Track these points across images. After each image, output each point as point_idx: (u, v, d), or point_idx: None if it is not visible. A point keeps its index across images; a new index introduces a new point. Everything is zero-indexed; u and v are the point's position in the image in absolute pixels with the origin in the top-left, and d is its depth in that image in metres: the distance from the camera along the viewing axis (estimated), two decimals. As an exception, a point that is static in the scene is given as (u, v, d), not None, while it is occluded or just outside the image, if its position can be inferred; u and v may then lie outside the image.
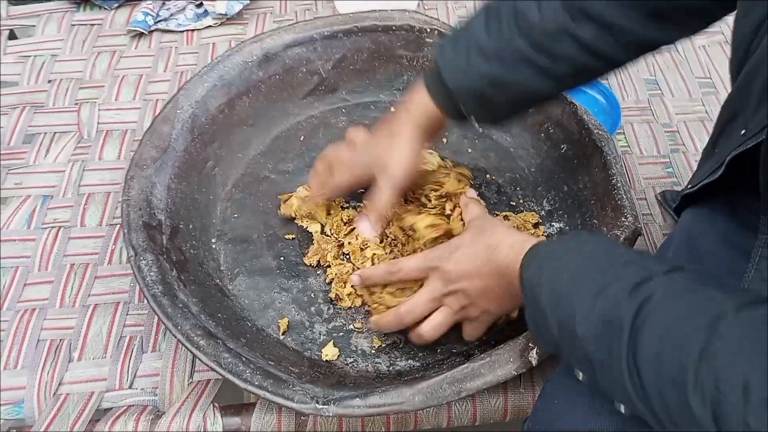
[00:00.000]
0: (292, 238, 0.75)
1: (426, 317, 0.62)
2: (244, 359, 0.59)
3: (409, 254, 0.69)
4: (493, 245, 0.56)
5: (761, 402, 0.33)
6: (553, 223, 0.76)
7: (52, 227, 0.77)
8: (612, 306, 0.42)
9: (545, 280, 0.48)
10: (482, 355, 0.58)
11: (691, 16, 0.56)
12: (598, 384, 0.44)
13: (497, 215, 0.76)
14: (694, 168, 0.82)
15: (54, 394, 0.65)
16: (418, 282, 0.63)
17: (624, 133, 0.87)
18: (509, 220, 0.75)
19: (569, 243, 0.50)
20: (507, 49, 0.58)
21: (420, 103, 0.65)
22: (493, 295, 0.58)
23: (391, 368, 0.66)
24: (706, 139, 0.84)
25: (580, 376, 0.49)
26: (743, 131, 0.53)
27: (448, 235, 0.67)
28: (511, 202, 0.78)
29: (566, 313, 0.45)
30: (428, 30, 0.84)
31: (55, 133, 0.86)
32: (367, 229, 0.72)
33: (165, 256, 0.67)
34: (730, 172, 0.55)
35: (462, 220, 0.69)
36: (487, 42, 0.59)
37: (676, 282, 0.41)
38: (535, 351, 0.57)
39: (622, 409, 0.45)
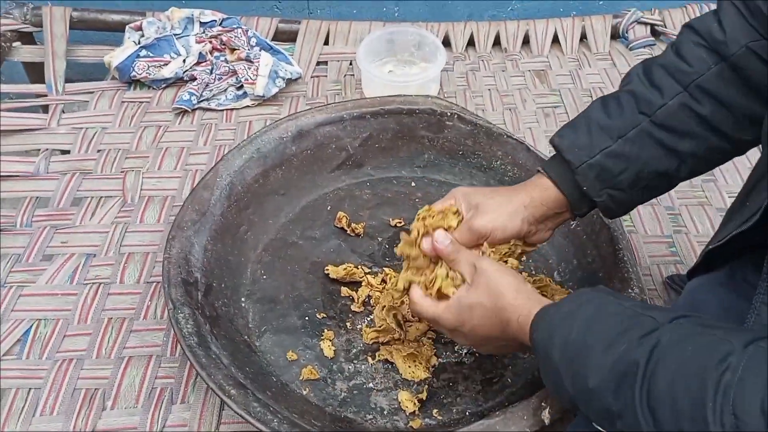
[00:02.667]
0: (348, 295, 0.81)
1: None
2: (272, 409, 0.62)
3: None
4: (503, 322, 0.58)
5: None
6: None
7: (93, 283, 0.83)
8: (623, 356, 0.45)
9: (556, 340, 0.51)
10: (497, 413, 0.61)
11: None
12: None
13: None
14: (696, 248, 0.87)
15: (88, 439, 0.68)
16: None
17: (630, 214, 0.92)
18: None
19: (573, 303, 0.53)
20: (629, 127, 0.61)
21: (538, 184, 0.65)
22: (506, 347, 0.63)
23: (408, 427, 0.69)
24: (707, 222, 0.90)
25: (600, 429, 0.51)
26: None
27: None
28: (523, 273, 0.83)
29: (578, 368, 0.48)
30: (449, 114, 0.92)
31: (101, 197, 0.93)
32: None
33: (200, 311, 0.71)
34: (761, 224, 0.57)
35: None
36: (608, 122, 0.62)
37: (683, 327, 0.45)
38: (547, 410, 0.61)
39: None
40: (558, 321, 0.52)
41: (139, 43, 1.12)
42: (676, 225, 0.91)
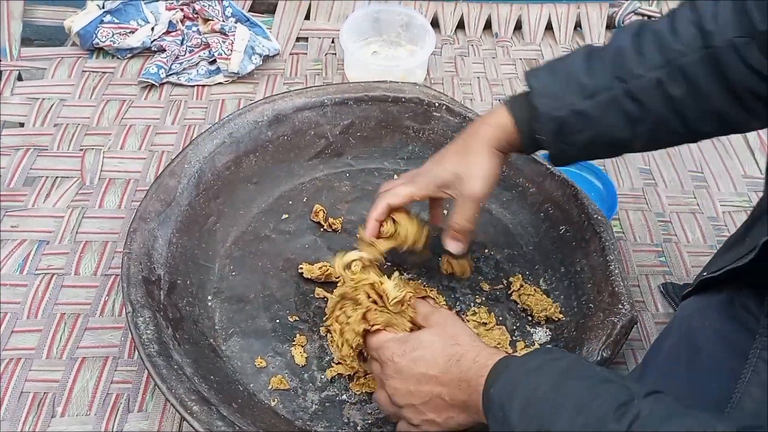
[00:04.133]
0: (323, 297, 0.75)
1: None
2: (236, 428, 0.58)
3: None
4: (457, 355, 0.54)
5: None
6: (535, 334, 0.75)
7: (46, 274, 0.76)
8: (596, 426, 0.41)
9: (518, 396, 0.47)
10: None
11: (763, 106, 0.58)
12: None
13: (465, 316, 0.75)
14: (686, 258, 0.84)
15: (34, 451, 0.62)
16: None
17: (619, 219, 0.89)
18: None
19: (542, 357, 0.49)
20: (602, 89, 0.60)
21: (499, 124, 0.65)
22: (442, 406, 0.54)
23: (382, 443, 0.65)
24: (698, 231, 0.88)
25: None
26: None
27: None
28: (510, 278, 0.79)
29: (542, 430, 0.44)
30: (437, 104, 0.87)
31: (57, 177, 0.86)
32: (457, 247, 0.70)
33: (162, 313, 0.66)
34: (759, 260, 0.55)
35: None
36: (585, 77, 0.61)
37: (662, 403, 0.42)
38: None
39: None
40: (522, 376, 0.48)
41: (103, 6, 1.03)
42: (666, 233, 0.88)
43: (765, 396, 0.52)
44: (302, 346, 0.71)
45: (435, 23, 1.16)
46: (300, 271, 0.77)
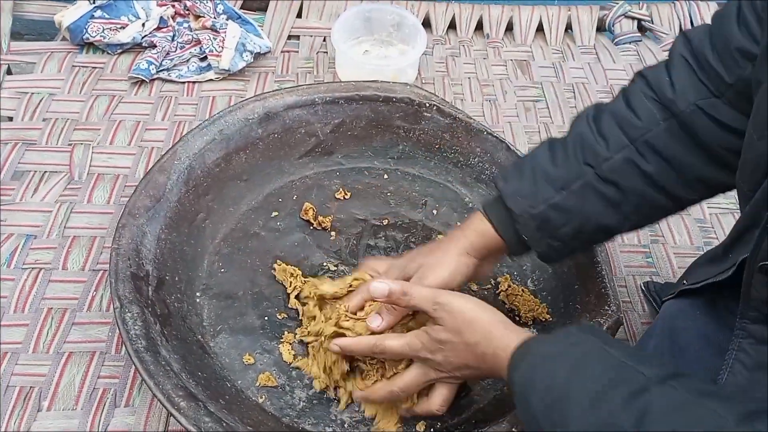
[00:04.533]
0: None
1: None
2: (224, 424, 0.58)
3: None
4: (480, 353, 0.55)
5: None
6: None
7: (33, 268, 0.76)
8: (608, 417, 0.42)
9: (538, 384, 0.48)
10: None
11: None
12: None
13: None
14: (673, 259, 0.85)
15: (19, 445, 0.62)
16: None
17: (607, 220, 0.89)
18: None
19: (560, 343, 0.50)
20: (574, 178, 0.59)
21: (476, 230, 0.64)
22: (482, 376, 0.59)
23: (369, 441, 0.65)
24: (685, 232, 0.88)
25: None
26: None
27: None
28: (498, 278, 0.79)
29: (559, 420, 0.45)
30: (427, 104, 0.87)
31: (45, 172, 0.86)
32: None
33: (150, 309, 0.66)
34: (738, 277, 0.55)
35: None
36: (553, 170, 0.60)
37: (674, 392, 0.42)
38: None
39: None
40: (540, 362, 0.49)
41: (94, 2, 1.02)
42: (654, 234, 0.89)
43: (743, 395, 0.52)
44: (290, 344, 0.71)
45: (426, 23, 1.16)
46: (272, 270, 0.77)
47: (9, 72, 0.99)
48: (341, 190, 0.87)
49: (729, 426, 0.38)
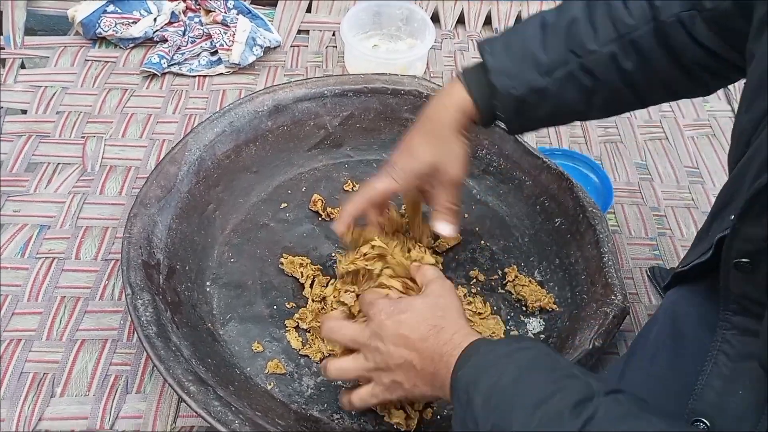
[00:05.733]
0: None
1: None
2: (233, 408, 0.59)
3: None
4: (438, 327, 0.54)
5: None
6: (528, 324, 0.75)
7: (47, 258, 0.77)
8: (553, 420, 0.41)
9: (482, 383, 0.47)
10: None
11: (708, 75, 0.62)
12: None
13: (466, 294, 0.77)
14: (680, 252, 0.85)
15: (33, 429, 0.63)
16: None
17: (614, 213, 0.90)
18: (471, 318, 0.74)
19: (511, 346, 0.49)
20: (559, 65, 0.61)
21: (459, 106, 0.65)
22: (411, 372, 0.54)
23: (377, 428, 0.66)
24: (692, 225, 0.89)
25: None
26: (732, 216, 0.56)
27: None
28: (505, 269, 0.80)
29: (502, 421, 0.44)
30: (435, 97, 0.88)
31: (58, 164, 0.87)
32: (449, 228, 0.69)
33: (161, 297, 0.67)
34: (719, 256, 0.56)
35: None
36: (540, 53, 0.61)
37: (620, 404, 0.42)
38: None
39: None
40: (489, 362, 0.48)
41: (106, -3, 1.04)
42: (661, 227, 0.89)
43: (725, 387, 0.53)
44: (294, 329, 0.72)
45: (435, 18, 1.16)
46: (280, 264, 0.78)
47: (23, 66, 1.00)
48: (350, 182, 0.87)
49: None
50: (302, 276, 0.76)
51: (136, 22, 1.02)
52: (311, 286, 0.75)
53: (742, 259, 0.49)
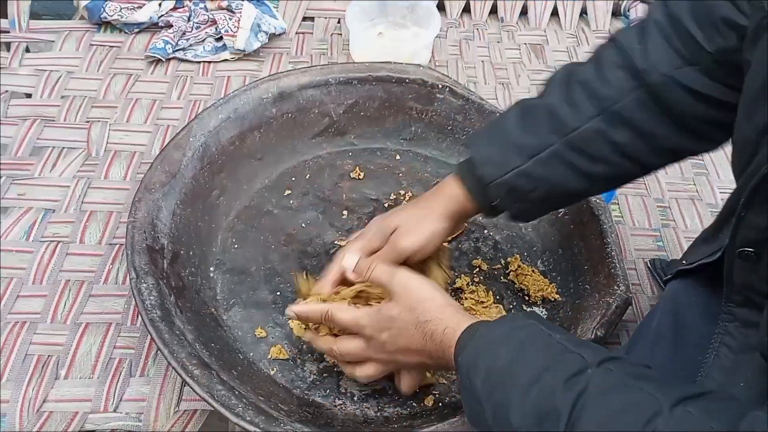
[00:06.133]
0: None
1: None
2: (236, 393, 0.59)
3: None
4: (429, 332, 0.55)
5: None
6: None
7: (51, 241, 0.77)
8: (548, 396, 0.43)
9: (480, 366, 0.48)
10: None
11: (715, 130, 0.59)
12: None
13: (463, 294, 0.76)
14: (683, 243, 0.85)
15: (38, 410, 0.64)
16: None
17: (618, 204, 0.90)
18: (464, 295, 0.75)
19: (505, 327, 0.51)
20: (542, 146, 0.60)
21: (451, 196, 0.66)
22: (426, 366, 0.60)
23: (378, 414, 0.66)
24: (696, 217, 0.89)
25: None
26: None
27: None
28: (508, 258, 0.80)
29: (501, 401, 0.46)
30: (440, 86, 0.87)
31: (63, 148, 0.87)
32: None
33: (165, 281, 0.67)
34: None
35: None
36: (522, 138, 0.61)
37: (612, 374, 0.43)
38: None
39: None
40: (485, 345, 0.49)
41: (112, -19, 1.04)
42: (665, 218, 0.89)
43: (726, 379, 0.53)
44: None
45: (441, 7, 1.16)
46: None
47: (28, 50, 1.00)
48: (356, 169, 0.87)
49: (663, 408, 0.39)
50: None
51: (141, 7, 1.02)
52: None
53: (747, 248, 0.49)
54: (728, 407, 0.40)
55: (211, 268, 0.76)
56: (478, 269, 0.79)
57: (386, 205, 0.84)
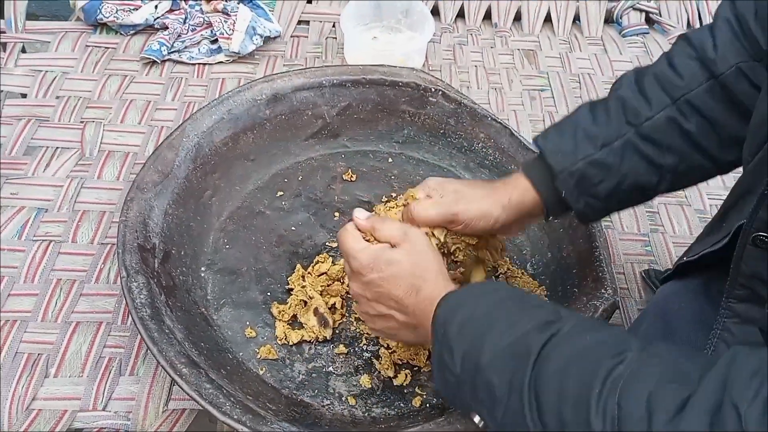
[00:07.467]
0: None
1: None
2: (224, 391, 0.59)
3: None
4: (416, 286, 0.56)
5: (664, 415, 0.35)
6: None
7: (43, 240, 0.78)
8: (521, 337, 0.45)
9: (458, 316, 0.50)
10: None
11: None
12: (495, 421, 0.46)
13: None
14: (672, 248, 0.86)
15: (27, 408, 0.64)
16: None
17: (608, 208, 0.90)
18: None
19: (487, 287, 0.54)
20: (614, 136, 0.60)
21: (517, 186, 0.64)
22: (393, 322, 0.59)
23: (366, 414, 0.66)
24: (685, 224, 0.89)
25: (476, 419, 0.52)
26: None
27: None
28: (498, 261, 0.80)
29: (474, 343, 0.48)
30: (433, 89, 0.88)
31: (57, 148, 0.88)
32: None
33: (155, 280, 0.67)
34: (734, 244, 0.56)
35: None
36: (594, 129, 0.61)
37: (585, 321, 0.46)
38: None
39: None
40: (466, 298, 0.52)
41: (108, -17, 1.04)
42: (654, 224, 0.89)
43: None
44: (282, 321, 0.72)
45: (435, 11, 1.17)
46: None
47: (23, 50, 1.01)
48: (348, 172, 0.88)
49: (631, 347, 0.41)
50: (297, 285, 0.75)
51: (137, 9, 1.03)
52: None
53: (762, 233, 0.49)
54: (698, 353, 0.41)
55: (202, 268, 0.76)
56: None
57: (378, 207, 0.85)
